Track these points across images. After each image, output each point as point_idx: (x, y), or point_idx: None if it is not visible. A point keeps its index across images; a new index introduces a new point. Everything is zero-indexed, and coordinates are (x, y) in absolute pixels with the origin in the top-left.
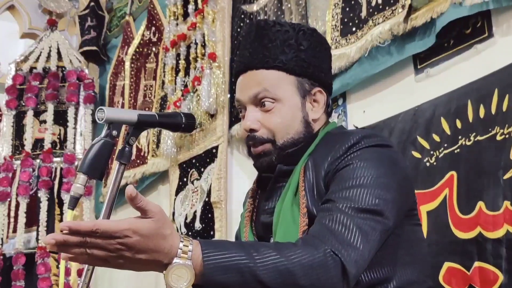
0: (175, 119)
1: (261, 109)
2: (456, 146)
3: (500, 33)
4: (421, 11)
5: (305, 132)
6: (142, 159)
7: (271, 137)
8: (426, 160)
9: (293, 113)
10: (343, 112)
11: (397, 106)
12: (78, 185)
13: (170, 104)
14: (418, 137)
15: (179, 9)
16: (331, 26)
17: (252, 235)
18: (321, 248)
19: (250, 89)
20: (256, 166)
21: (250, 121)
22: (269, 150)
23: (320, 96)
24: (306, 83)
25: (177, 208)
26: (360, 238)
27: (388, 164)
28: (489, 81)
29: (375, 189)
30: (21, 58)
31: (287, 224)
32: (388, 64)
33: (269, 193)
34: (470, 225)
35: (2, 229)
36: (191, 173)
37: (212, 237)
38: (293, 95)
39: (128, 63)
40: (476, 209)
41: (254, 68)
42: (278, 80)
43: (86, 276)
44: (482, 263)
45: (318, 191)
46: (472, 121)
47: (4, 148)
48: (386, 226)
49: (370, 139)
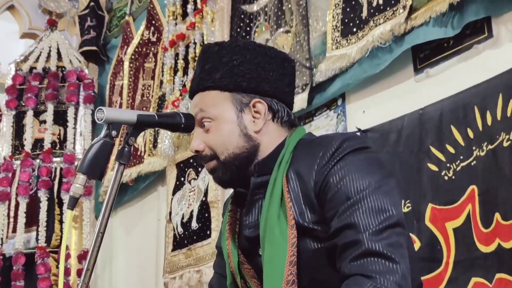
0: (175, 119)
1: (203, 129)
2: (472, 158)
3: (500, 33)
4: (420, 11)
5: (247, 146)
6: (138, 159)
7: (213, 153)
8: (443, 173)
9: (229, 128)
10: (342, 112)
11: (397, 106)
12: (78, 185)
13: (169, 103)
14: (431, 147)
15: (178, 9)
16: (331, 27)
17: (235, 248)
18: (364, 285)
19: (192, 112)
20: (214, 181)
21: (195, 144)
22: (215, 166)
23: (260, 106)
24: (242, 97)
25: (174, 207)
26: (393, 259)
27: (378, 168)
28: (493, 85)
29: (381, 200)
30: (21, 58)
31: (275, 238)
32: (388, 62)
33: (248, 206)
34: (491, 237)
35: (2, 229)
36: (188, 172)
37: (208, 237)
38: (228, 111)
39: (127, 63)
40: (494, 221)
41: (195, 93)
42: (213, 100)
43: (86, 276)
44: (503, 274)
45: (309, 202)
46: (482, 129)
47: (4, 148)
48: (405, 230)
49: (352, 141)
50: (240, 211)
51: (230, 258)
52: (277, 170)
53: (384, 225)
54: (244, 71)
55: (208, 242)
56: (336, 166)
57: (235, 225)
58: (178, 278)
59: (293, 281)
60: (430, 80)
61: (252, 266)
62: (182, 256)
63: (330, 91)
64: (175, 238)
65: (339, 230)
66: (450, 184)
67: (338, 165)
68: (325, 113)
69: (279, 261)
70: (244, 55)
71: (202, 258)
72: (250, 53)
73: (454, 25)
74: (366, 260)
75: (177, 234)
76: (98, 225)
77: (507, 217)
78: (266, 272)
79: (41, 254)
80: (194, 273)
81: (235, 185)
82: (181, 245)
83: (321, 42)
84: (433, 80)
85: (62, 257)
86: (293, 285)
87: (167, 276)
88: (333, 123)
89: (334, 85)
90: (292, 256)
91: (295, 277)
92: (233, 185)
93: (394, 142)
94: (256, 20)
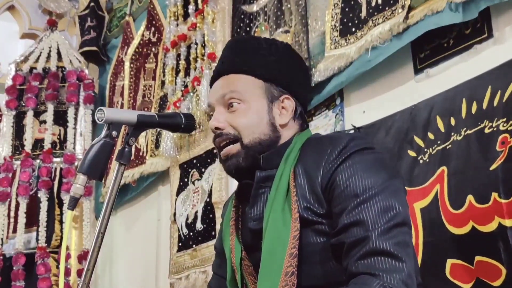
0: (175, 120)
1: (228, 110)
2: (449, 142)
3: (500, 33)
4: (417, 10)
5: (272, 135)
6: (140, 159)
7: (237, 135)
8: (419, 158)
9: (259, 114)
10: (341, 112)
11: (396, 106)
12: (78, 186)
13: (170, 104)
14: (414, 137)
15: (179, 9)
16: (330, 26)
17: (239, 244)
18: (372, 284)
19: (218, 92)
20: (225, 169)
21: (219, 120)
22: (237, 151)
23: (288, 103)
24: (274, 89)
25: (178, 208)
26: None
27: (384, 168)
28: (483, 79)
29: (389, 200)
30: (21, 59)
31: (278, 229)
32: (385, 55)
33: (253, 199)
34: (463, 219)
35: (2, 229)
36: (191, 173)
37: (213, 238)
38: (260, 98)
39: (127, 63)
40: (467, 203)
41: (224, 74)
42: (246, 83)
43: (86, 276)
44: (482, 257)
45: (315, 197)
46: (465, 117)
47: (4, 148)
48: (410, 230)
49: (359, 141)
50: (242, 207)
51: (233, 253)
52: (284, 164)
53: (391, 224)
54: (279, 67)
55: (213, 243)
56: (344, 164)
57: (238, 221)
58: (184, 279)
59: (293, 272)
60: (430, 80)
61: (252, 262)
62: (187, 257)
63: (326, 90)
64: (180, 239)
65: (347, 226)
66: (423, 167)
67: (346, 163)
68: (324, 113)
69: (279, 252)
70: (280, 54)
71: (207, 259)
72: (285, 54)
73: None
74: (373, 259)
75: (182, 235)
76: (98, 225)
77: (483, 201)
78: (264, 263)
79: (41, 254)
80: (200, 274)
81: (245, 176)
82: (186, 246)
83: (320, 42)
84: (433, 80)
85: (62, 257)
86: (292, 276)
87: (173, 277)
88: (331, 123)
89: (331, 83)
90: (293, 248)
91: (295, 269)
92: (243, 176)
93: (384, 135)
94: (255, 20)
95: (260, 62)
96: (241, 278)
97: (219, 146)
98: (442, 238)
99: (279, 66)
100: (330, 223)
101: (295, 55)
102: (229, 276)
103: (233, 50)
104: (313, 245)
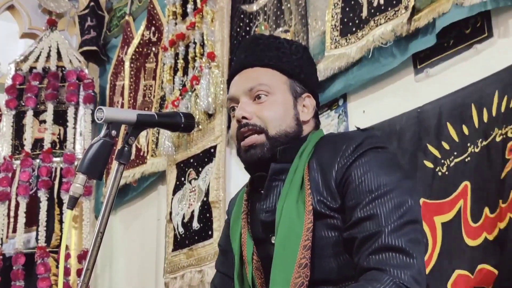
0: (175, 119)
1: (255, 102)
2: (467, 154)
3: (500, 33)
4: (423, 12)
5: (296, 129)
6: (141, 159)
7: (264, 126)
8: (437, 169)
9: (286, 108)
10: (344, 112)
11: (397, 106)
12: (77, 185)
13: (168, 103)
14: (428, 145)
15: (178, 8)
16: (330, 26)
17: (251, 238)
18: (382, 279)
19: (244, 84)
20: (245, 159)
21: (247, 110)
22: (262, 142)
23: (310, 101)
24: (298, 86)
25: (174, 207)
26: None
27: (398, 168)
28: (490, 82)
29: (403, 197)
30: (21, 58)
31: (291, 220)
32: (392, 66)
33: (266, 192)
34: (478, 231)
35: (2, 229)
36: (188, 172)
37: (210, 237)
38: (286, 93)
39: (127, 63)
40: (483, 216)
41: (249, 67)
42: (273, 77)
43: (86, 276)
44: (484, 265)
45: (329, 192)
46: (478, 126)
47: (4, 148)
48: (422, 227)
49: (374, 139)
50: (251, 201)
51: (244, 247)
52: (299, 158)
53: (404, 220)
54: (302, 66)
55: (210, 243)
56: (359, 160)
57: (248, 214)
58: (179, 278)
59: (306, 264)
60: (430, 80)
61: (260, 257)
62: (183, 256)
63: (331, 91)
64: (176, 238)
65: (359, 220)
66: (443, 179)
67: (361, 159)
68: (326, 113)
69: (293, 244)
70: (301, 53)
71: (204, 258)
72: (305, 54)
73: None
74: (385, 255)
75: (177, 234)
76: (98, 225)
77: (493, 210)
78: (277, 254)
79: (41, 254)
80: (196, 273)
81: (260, 168)
82: (182, 245)
83: (320, 41)
84: (433, 80)
85: (62, 257)
86: (306, 268)
87: (168, 276)
88: (334, 123)
89: (335, 85)
90: (307, 240)
91: (308, 261)
92: (259, 168)
93: (393, 140)
94: (255, 19)
95: (285, 58)
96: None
97: (242, 136)
98: (458, 250)
99: (301, 65)
100: (343, 217)
101: (311, 56)
102: (237, 271)
103: (257, 45)
104: (325, 238)
